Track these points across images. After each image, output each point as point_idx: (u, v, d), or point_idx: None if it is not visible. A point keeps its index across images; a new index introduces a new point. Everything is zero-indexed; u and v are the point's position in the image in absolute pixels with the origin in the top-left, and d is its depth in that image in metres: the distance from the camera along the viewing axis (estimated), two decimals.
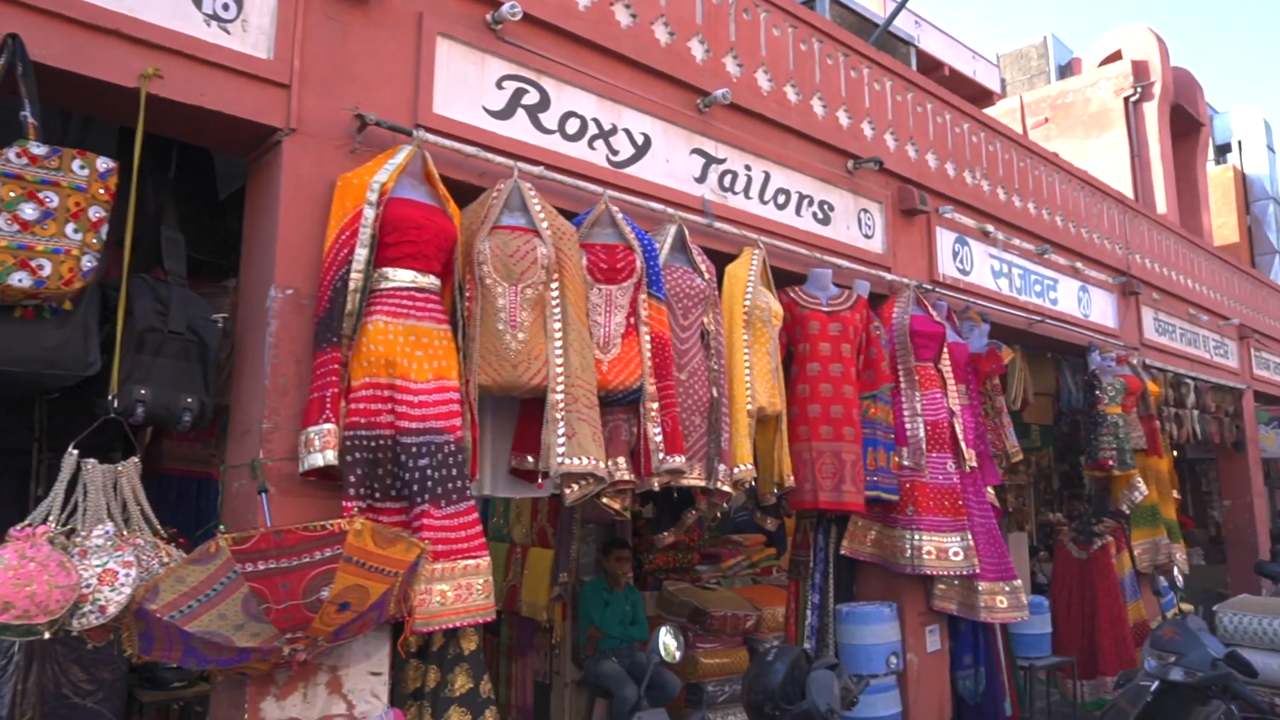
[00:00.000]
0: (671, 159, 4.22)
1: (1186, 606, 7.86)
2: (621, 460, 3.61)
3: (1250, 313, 10.67)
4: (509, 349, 3.33)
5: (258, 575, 2.42)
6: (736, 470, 3.96)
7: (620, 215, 3.76)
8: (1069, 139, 15.55)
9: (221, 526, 2.74)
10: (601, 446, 3.44)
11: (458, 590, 2.98)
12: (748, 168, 4.55)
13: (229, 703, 2.87)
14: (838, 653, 4.86)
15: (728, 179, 4.45)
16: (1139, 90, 15.24)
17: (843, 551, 4.97)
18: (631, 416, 3.67)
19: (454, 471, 3.04)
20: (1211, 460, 10.99)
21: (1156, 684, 3.96)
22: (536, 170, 3.58)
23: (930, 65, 13.04)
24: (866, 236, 5.19)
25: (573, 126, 3.85)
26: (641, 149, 4.10)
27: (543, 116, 3.76)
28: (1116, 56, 15.59)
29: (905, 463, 4.89)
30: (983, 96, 14.54)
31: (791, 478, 4.36)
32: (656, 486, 3.67)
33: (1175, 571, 6.01)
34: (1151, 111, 15.12)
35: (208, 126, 3.02)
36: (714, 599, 6.76)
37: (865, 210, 5.20)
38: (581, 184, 3.76)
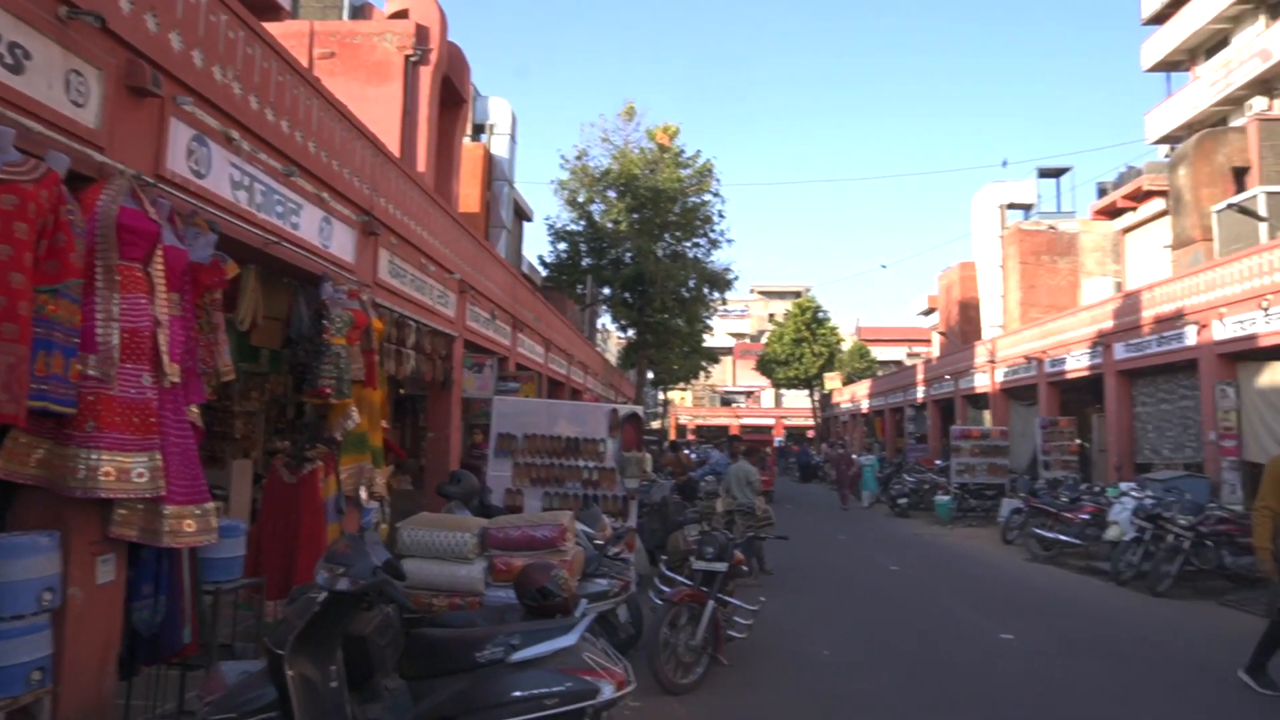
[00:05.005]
0: None
1: (384, 527, 8.68)
2: None
3: (472, 272, 12.24)
4: None
5: None
6: None
7: None
8: (352, 80, 15.84)
9: None
10: None
11: None
12: None
13: None
14: None
15: None
16: (419, 53, 16.27)
17: None
18: None
19: None
20: (424, 397, 12.35)
21: (325, 595, 4.13)
22: None
23: None
24: (76, 105, 4.37)
25: None
26: None
27: None
28: (404, 14, 16.41)
29: (90, 371, 4.26)
30: (270, 9, 13.89)
31: None
32: None
33: (363, 493, 6.48)
34: (426, 76, 16.30)
35: None
36: None
37: (79, 73, 4.37)
38: None
